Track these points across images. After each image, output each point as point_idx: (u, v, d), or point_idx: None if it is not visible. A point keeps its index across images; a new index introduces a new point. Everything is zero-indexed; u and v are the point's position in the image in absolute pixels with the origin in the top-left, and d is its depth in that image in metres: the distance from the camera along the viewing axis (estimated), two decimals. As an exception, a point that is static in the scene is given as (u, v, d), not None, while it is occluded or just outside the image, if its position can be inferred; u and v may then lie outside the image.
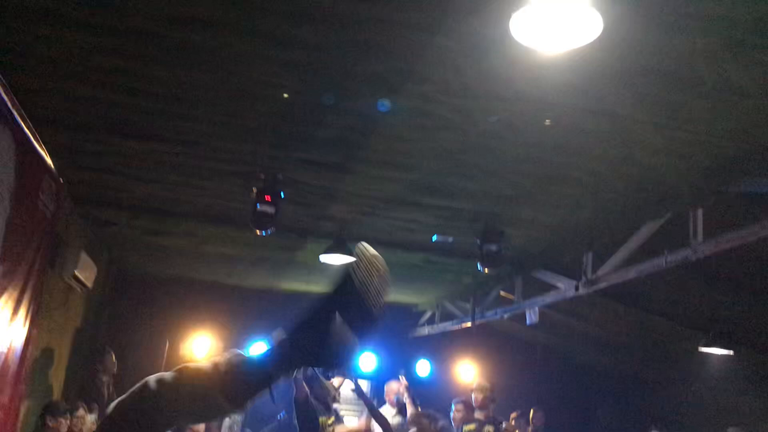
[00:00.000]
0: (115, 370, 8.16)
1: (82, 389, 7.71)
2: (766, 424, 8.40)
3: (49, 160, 5.16)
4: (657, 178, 4.67)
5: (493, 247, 6.00)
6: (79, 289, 7.14)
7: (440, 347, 10.95)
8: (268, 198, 5.20)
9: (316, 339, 1.67)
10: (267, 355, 1.73)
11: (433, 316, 10.83)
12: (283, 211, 5.80)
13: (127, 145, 5.06)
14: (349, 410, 8.99)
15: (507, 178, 5.01)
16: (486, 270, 6.17)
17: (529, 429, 9.57)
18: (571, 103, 3.81)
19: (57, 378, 7.43)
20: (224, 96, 4.09)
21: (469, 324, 9.24)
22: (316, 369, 5.97)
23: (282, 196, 5.30)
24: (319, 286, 10.15)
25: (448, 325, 10.03)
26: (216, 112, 4.34)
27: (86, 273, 6.83)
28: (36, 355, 6.29)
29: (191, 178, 5.63)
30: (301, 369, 1.80)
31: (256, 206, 5.24)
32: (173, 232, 7.29)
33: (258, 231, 5.35)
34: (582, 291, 6.17)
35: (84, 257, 6.63)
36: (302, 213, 6.16)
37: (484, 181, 5.12)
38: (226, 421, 8.50)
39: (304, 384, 6.24)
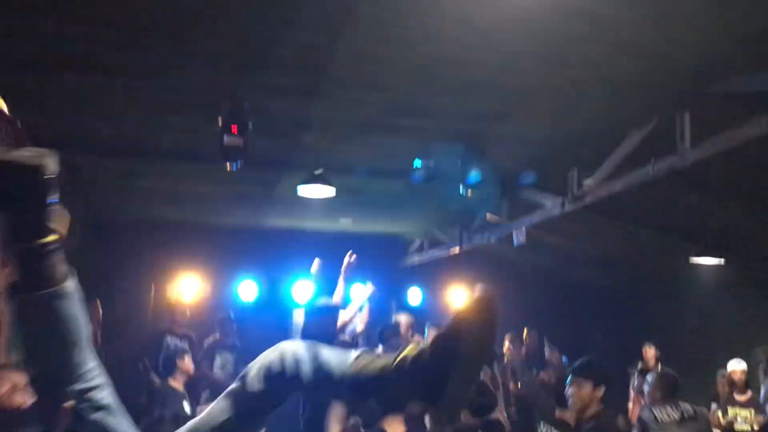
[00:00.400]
0: (99, 318, 8.00)
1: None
2: (760, 330, 8.40)
3: (1, 102, 4.87)
4: (641, 82, 4.43)
5: (476, 168, 5.79)
6: (52, 238, 6.92)
7: (431, 275, 10.89)
8: (234, 129, 4.94)
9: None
10: None
11: (422, 244, 10.72)
12: (254, 144, 5.53)
13: (82, 81, 4.76)
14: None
15: (485, 92, 4.76)
16: (469, 192, 5.98)
17: (523, 350, 9.60)
18: (548, 5, 3.55)
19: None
20: (175, 20, 3.80)
21: (457, 249, 9.13)
22: None
23: (250, 126, 5.04)
24: (302, 221, 10.00)
25: (437, 252, 9.92)
26: (169, 40, 4.05)
27: (58, 221, 6.59)
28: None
29: (154, 113, 5.36)
30: None
31: (222, 138, 4.98)
32: (145, 172, 7.05)
33: (228, 164, 5.11)
34: (568, 207, 6.01)
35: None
36: (275, 144, 5.90)
37: (462, 98, 4.87)
38: (218, 360, 8.43)
39: None
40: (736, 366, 7.03)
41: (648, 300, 10.53)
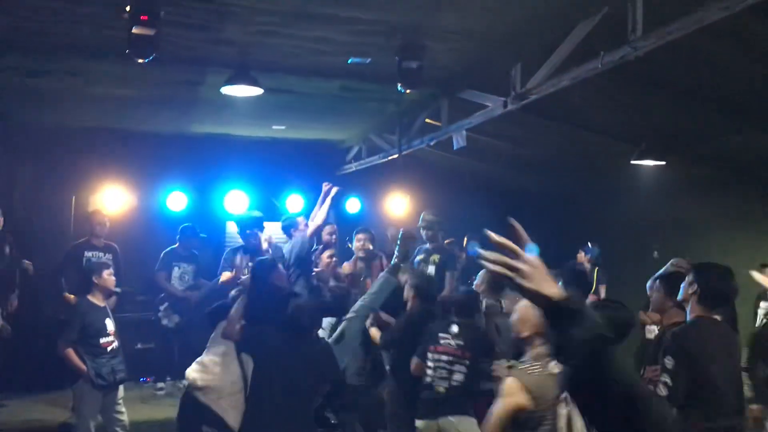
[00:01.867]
0: None
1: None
2: (701, 232, 8.47)
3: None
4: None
5: (414, 65, 5.39)
6: (-49, 146, 6.31)
7: (369, 183, 10.62)
8: (144, 18, 4.41)
9: None
10: None
11: (359, 151, 10.37)
12: (172, 38, 5.06)
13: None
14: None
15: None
16: (407, 90, 5.60)
17: (463, 256, 9.52)
18: None
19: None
20: None
21: (396, 156, 8.82)
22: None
23: (162, 14, 4.51)
24: (232, 128, 9.48)
25: (375, 159, 9.60)
26: None
27: None
28: None
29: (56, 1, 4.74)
30: None
31: (131, 29, 4.45)
32: (53, 71, 6.39)
33: (138, 58, 4.60)
34: (511, 106, 5.69)
35: (-53, 107, 5.76)
36: (194, 38, 5.36)
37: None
38: (176, 271, 8.15)
39: None
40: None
41: (588, 203, 10.52)
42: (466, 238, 9.84)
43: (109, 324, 6.05)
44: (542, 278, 1.62)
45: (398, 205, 11.11)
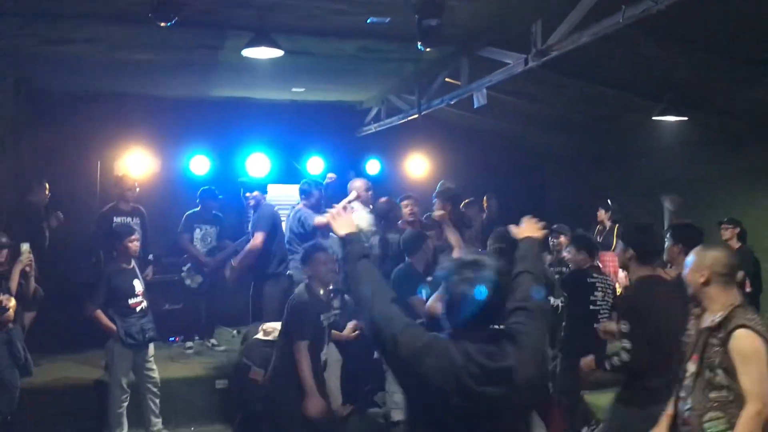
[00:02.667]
0: (46, 201, 7.63)
1: (9, 221, 7.21)
2: (724, 187, 8.43)
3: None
4: None
5: (433, 22, 5.36)
6: (-22, 113, 6.42)
7: (388, 144, 10.64)
8: (166, -19, 4.45)
9: None
10: None
11: (378, 112, 10.36)
12: (192, 2, 5.07)
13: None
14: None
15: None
16: (427, 48, 5.58)
17: (484, 215, 9.57)
18: None
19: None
20: None
21: (416, 116, 8.81)
22: None
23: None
24: (252, 91, 9.53)
25: (395, 120, 9.59)
26: None
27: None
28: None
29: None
30: None
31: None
32: (75, 38, 6.44)
33: (161, 22, 4.64)
34: (532, 63, 5.65)
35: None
36: (213, 0, 5.38)
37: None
38: (197, 232, 8.27)
39: None
40: None
41: (610, 160, 10.47)
42: (485, 197, 9.89)
43: (137, 285, 6.19)
44: (343, 225, 2.80)
45: (418, 165, 11.14)
